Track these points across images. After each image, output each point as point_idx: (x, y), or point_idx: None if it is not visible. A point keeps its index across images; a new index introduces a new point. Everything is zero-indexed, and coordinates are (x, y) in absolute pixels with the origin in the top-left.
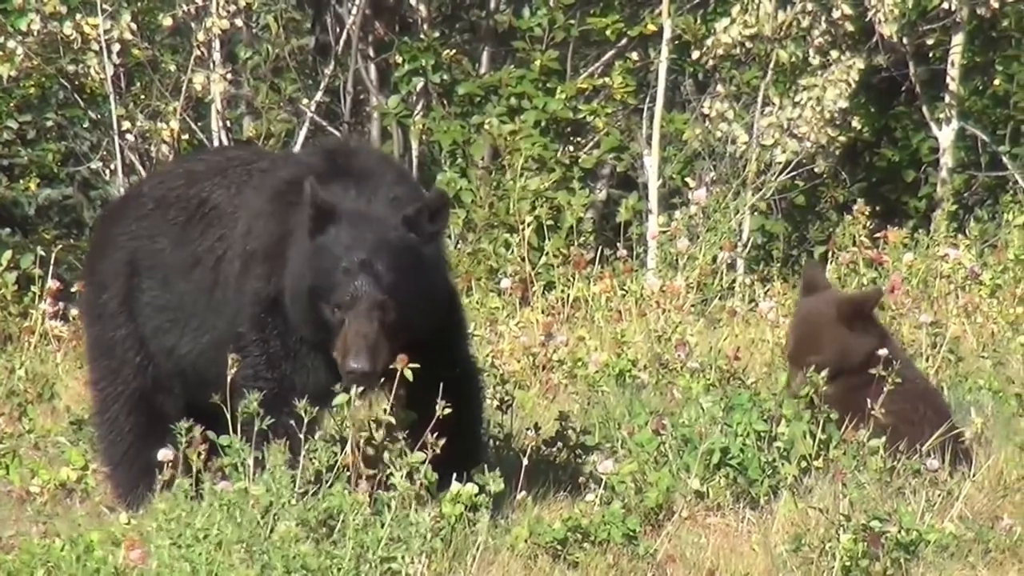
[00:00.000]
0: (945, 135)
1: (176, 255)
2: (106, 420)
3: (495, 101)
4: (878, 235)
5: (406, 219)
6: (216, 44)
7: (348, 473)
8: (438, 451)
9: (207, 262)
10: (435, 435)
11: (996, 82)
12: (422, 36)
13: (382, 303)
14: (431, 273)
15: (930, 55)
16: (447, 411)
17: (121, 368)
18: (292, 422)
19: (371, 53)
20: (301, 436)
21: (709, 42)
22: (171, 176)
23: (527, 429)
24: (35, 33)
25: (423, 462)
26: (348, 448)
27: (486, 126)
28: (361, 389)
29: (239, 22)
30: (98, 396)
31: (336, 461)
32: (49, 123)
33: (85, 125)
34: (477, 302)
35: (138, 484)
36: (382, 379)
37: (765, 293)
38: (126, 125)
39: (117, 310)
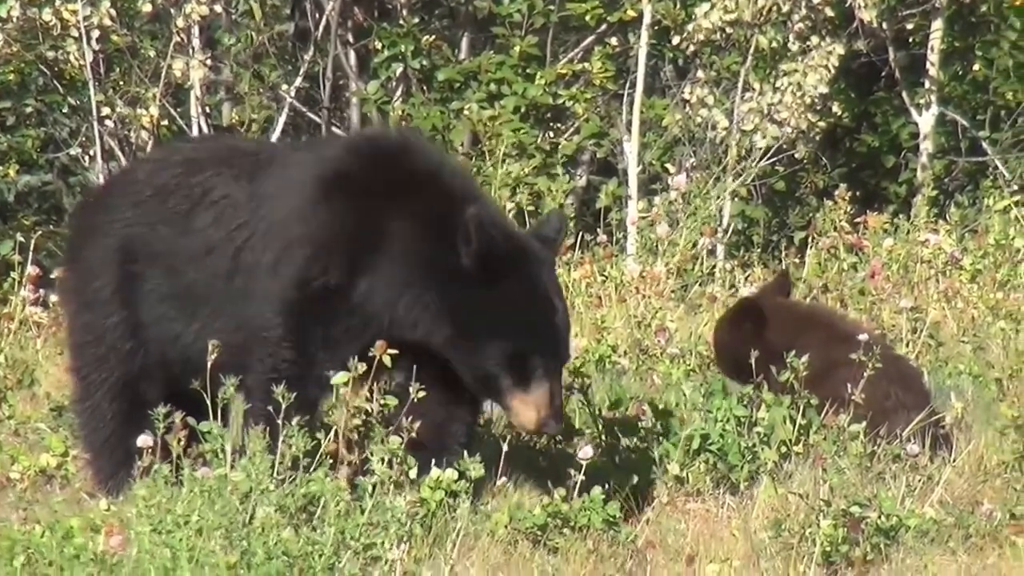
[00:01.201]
0: (925, 120)
1: (182, 243)
2: (88, 407)
3: (475, 87)
4: (858, 220)
5: (554, 254)
6: (196, 30)
7: (328, 459)
8: (414, 435)
9: (223, 251)
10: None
11: (976, 67)
12: (401, 22)
13: None
14: None
15: (910, 40)
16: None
17: (108, 355)
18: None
19: (350, 39)
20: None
21: (689, 27)
22: (168, 164)
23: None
24: (14, 19)
25: (401, 447)
26: (331, 435)
27: (466, 112)
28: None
29: (219, 8)
30: (80, 383)
31: (314, 447)
32: (28, 109)
33: (64, 111)
34: None
35: (119, 471)
36: None
37: (745, 279)
38: (105, 111)
39: (109, 298)
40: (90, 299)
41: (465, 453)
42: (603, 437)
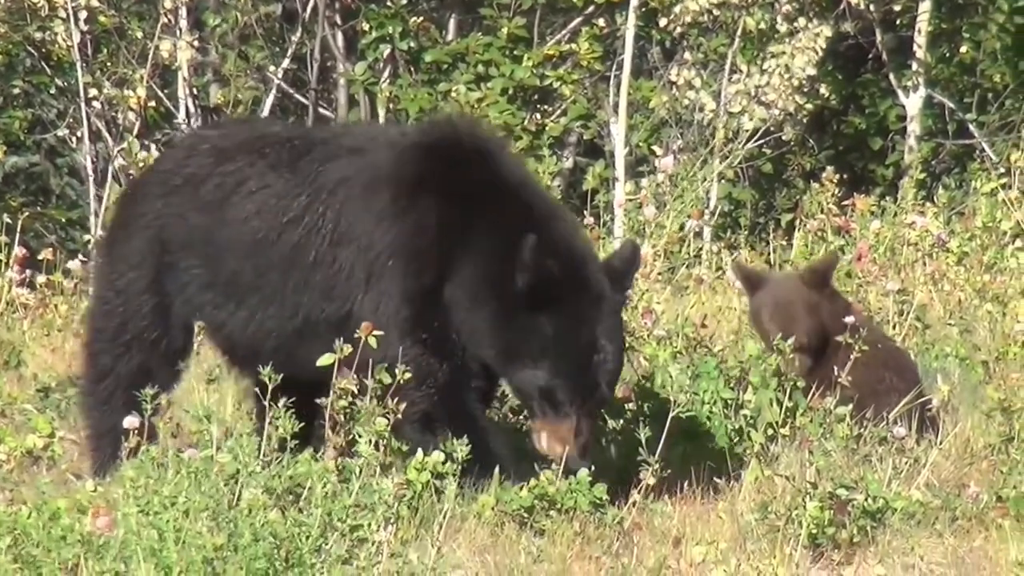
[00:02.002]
0: (912, 103)
1: (220, 233)
2: (100, 389)
3: (462, 68)
4: (845, 203)
5: (623, 289)
6: (183, 11)
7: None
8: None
9: (277, 243)
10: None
11: (963, 49)
12: (389, 3)
13: None
14: None
15: (897, 22)
16: None
17: (131, 343)
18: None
19: (338, 20)
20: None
21: (677, 9)
22: (196, 152)
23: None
24: (2, 1)
25: (388, 429)
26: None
27: (453, 93)
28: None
29: None
30: (94, 364)
31: (300, 429)
32: (16, 90)
33: (52, 92)
34: None
35: (119, 456)
36: None
37: (732, 261)
38: (93, 92)
39: (145, 288)
40: (123, 288)
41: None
42: None
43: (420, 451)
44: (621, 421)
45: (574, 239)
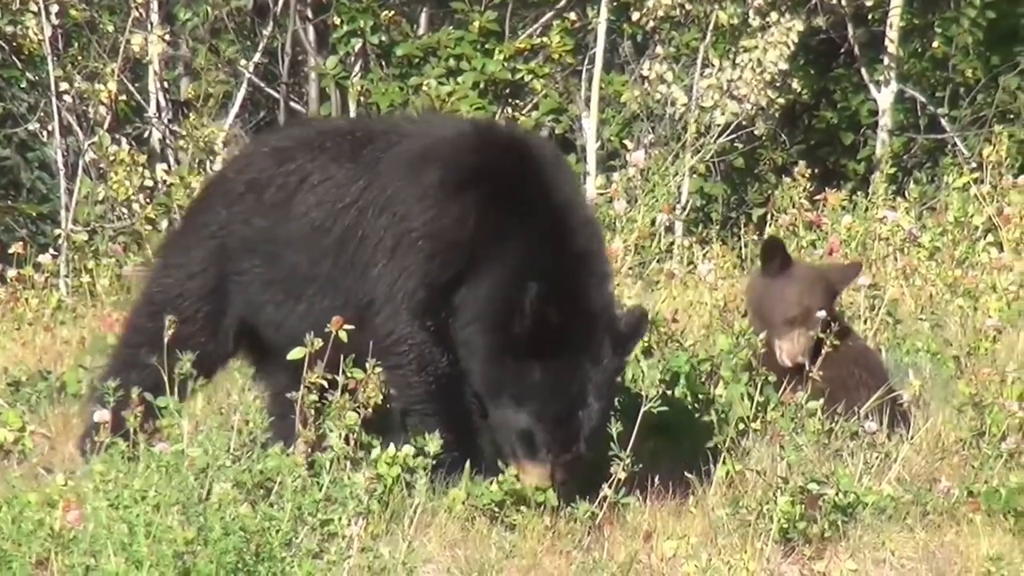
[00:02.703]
0: (884, 97)
1: (282, 230)
2: (126, 375)
3: (433, 62)
4: (817, 197)
5: (623, 354)
6: (154, 5)
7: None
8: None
9: (329, 229)
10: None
11: (935, 44)
12: None
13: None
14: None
15: (869, 17)
16: None
17: (176, 346)
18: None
19: (309, 14)
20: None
21: (648, 3)
22: (256, 157)
23: None
24: None
25: (358, 424)
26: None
27: (424, 87)
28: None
29: None
30: (129, 359)
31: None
32: None
33: (23, 86)
34: None
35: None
36: None
37: (704, 255)
38: (64, 86)
39: (203, 296)
40: (178, 293)
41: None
42: None
43: (406, 439)
44: None
45: (593, 287)
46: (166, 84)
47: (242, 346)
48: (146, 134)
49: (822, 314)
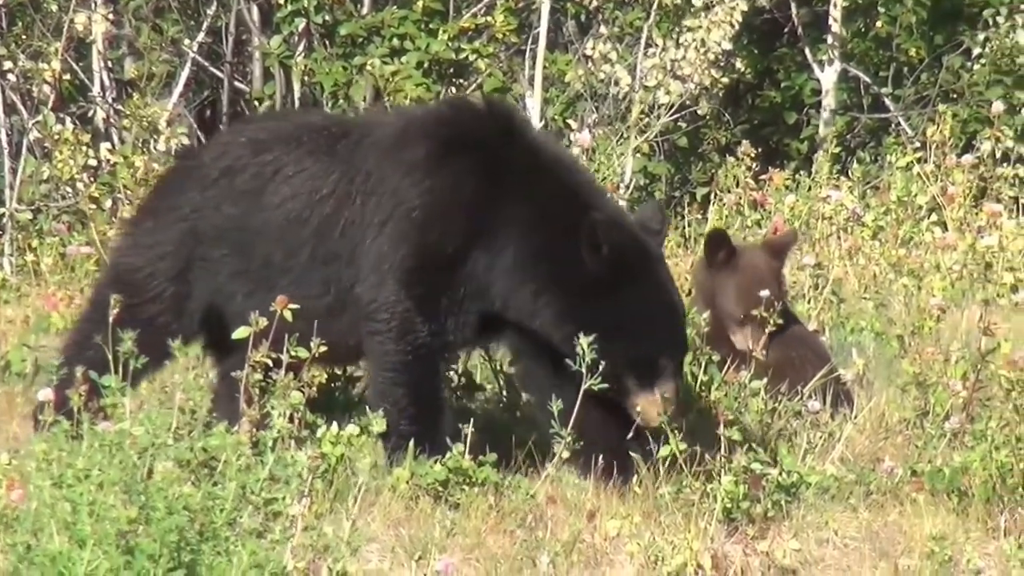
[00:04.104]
0: (827, 77)
1: (254, 220)
2: (86, 348)
3: (377, 42)
4: (761, 177)
5: (661, 244)
6: None
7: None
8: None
9: (306, 220)
10: None
11: (878, 24)
12: None
13: None
14: None
15: None
16: None
17: (140, 323)
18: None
19: None
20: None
21: None
22: (232, 146)
23: None
24: None
25: (303, 403)
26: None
27: (368, 67)
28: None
29: None
30: (88, 333)
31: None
32: None
33: None
34: None
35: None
36: None
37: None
38: (8, 65)
39: (170, 277)
40: (147, 273)
41: (367, 409)
42: (504, 392)
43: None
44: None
45: (620, 213)
46: (110, 63)
47: (205, 329)
48: (90, 113)
49: (766, 293)
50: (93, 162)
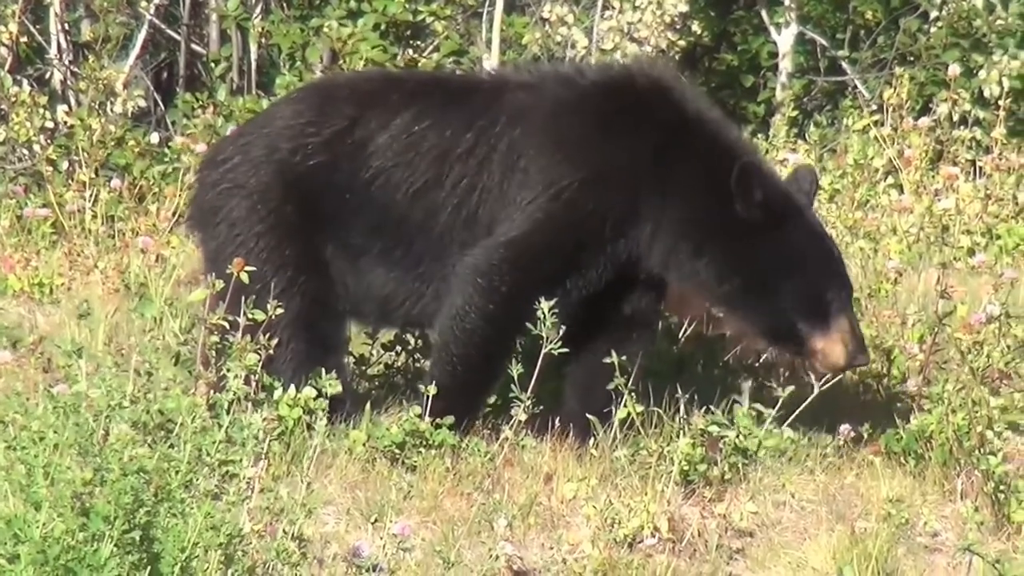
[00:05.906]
0: (784, 39)
1: (380, 182)
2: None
3: (334, 4)
4: None
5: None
6: None
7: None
8: (271, 352)
9: (449, 180)
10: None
11: None
12: None
13: None
14: None
15: None
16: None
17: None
18: None
19: None
20: None
21: None
22: (335, 101)
23: (365, 333)
24: None
25: (258, 364)
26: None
27: (325, 29)
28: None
29: None
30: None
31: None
32: None
33: None
34: None
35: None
36: None
37: None
38: None
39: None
40: (272, 255)
41: (322, 371)
42: None
43: None
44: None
45: (766, 163)
46: (67, 26)
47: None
48: (47, 75)
49: None
50: (50, 124)
